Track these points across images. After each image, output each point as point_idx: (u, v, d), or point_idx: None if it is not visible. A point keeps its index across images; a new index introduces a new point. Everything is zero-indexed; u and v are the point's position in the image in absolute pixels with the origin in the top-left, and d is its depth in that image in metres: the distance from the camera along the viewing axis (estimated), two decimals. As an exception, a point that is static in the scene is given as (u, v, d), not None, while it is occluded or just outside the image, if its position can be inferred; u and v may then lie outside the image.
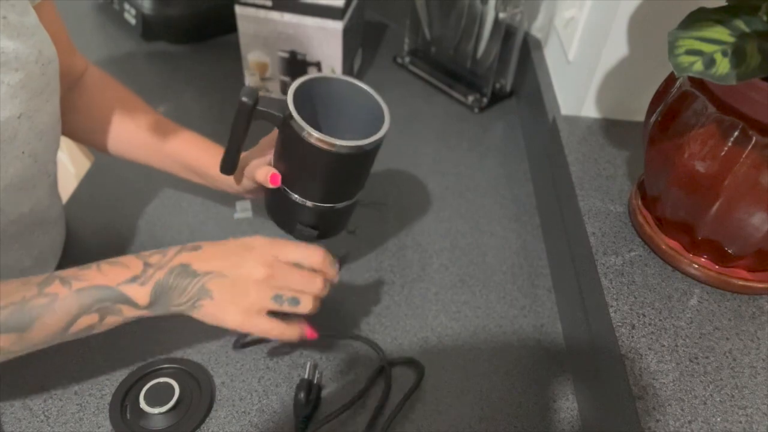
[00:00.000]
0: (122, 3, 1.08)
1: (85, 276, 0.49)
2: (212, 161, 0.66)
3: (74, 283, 0.48)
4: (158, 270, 0.50)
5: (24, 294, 0.47)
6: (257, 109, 0.55)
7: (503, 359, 0.66)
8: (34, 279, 0.49)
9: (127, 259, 0.51)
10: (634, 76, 0.73)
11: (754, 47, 0.45)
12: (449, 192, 0.86)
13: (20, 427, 0.57)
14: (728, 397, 0.50)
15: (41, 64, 0.51)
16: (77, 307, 0.48)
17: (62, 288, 0.48)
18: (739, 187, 0.50)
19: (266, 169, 0.59)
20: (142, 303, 0.50)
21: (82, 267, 0.50)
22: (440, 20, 0.99)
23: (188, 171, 0.69)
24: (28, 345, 0.49)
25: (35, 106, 0.52)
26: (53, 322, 0.48)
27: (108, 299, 0.49)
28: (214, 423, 0.59)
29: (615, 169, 0.71)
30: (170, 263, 0.50)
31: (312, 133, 0.53)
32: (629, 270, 0.60)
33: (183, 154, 0.68)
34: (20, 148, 0.52)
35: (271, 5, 0.88)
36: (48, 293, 0.48)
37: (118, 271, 0.50)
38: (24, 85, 0.50)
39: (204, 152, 0.68)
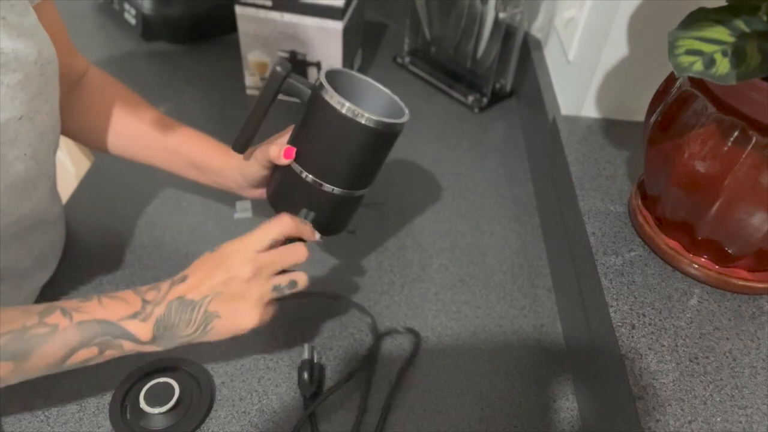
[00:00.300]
0: (122, 3, 1.08)
1: (87, 309, 0.50)
2: (215, 157, 0.67)
3: (75, 315, 0.49)
4: (156, 306, 0.51)
5: (24, 322, 0.48)
6: (288, 81, 0.56)
7: (503, 359, 0.66)
8: (35, 308, 0.49)
9: (126, 294, 0.52)
10: (634, 76, 0.73)
11: (754, 47, 0.45)
12: (449, 192, 0.86)
13: (20, 427, 0.57)
14: (728, 397, 0.50)
15: (40, 64, 0.51)
16: (78, 340, 0.49)
17: (63, 319, 0.48)
18: (739, 187, 0.50)
19: (280, 145, 0.59)
20: (144, 339, 0.51)
21: (83, 299, 0.51)
22: (440, 20, 0.99)
23: (190, 168, 0.69)
24: (24, 374, 0.49)
25: (35, 107, 0.52)
26: (52, 352, 0.48)
27: (109, 333, 0.50)
28: (214, 423, 0.59)
29: (615, 169, 0.71)
30: (166, 298, 0.51)
31: (344, 103, 0.54)
32: (629, 270, 0.60)
33: (185, 150, 0.68)
34: (22, 149, 0.52)
35: (271, 5, 0.88)
36: (48, 323, 0.48)
37: (119, 306, 0.50)
38: (23, 86, 0.50)
39: (206, 148, 0.68)
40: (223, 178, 0.68)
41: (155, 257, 0.74)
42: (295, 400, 0.61)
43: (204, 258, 0.55)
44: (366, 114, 0.54)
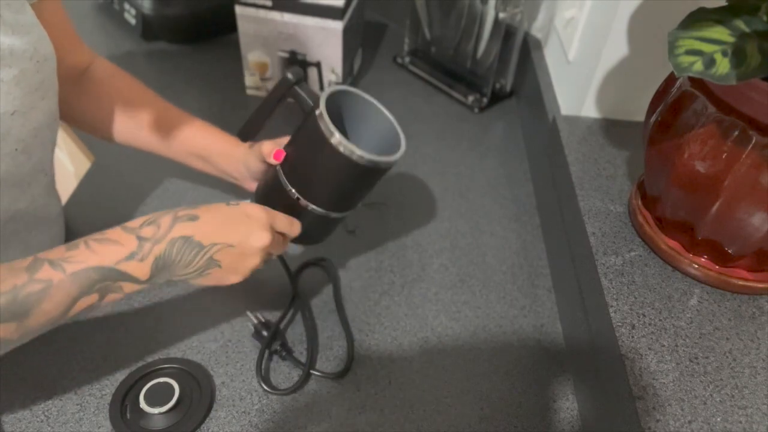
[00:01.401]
0: (122, 3, 1.08)
1: (77, 257, 0.47)
2: (219, 146, 0.68)
3: (66, 266, 0.46)
4: (156, 244, 0.49)
5: (14, 282, 0.45)
6: (295, 89, 0.57)
7: (503, 359, 0.66)
8: (18, 264, 0.46)
9: (115, 234, 0.49)
10: (634, 76, 0.73)
11: (754, 47, 0.45)
12: (449, 192, 0.86)
13: (20, 427, 0.57)
14: (728, 397, 0.50)
15: (36, 60, 0.51)
16: (77, 290, 0.47)
17: (54, 272, 0.46)
18: (739, 187, 0.50)
19: (275, 144, 0.60)
20: (143, 278, 0.49)
21: (68, 246, 0.48)
22: (440, 20, 0.99)
23: (194, 157, 0.70)
24: (28, 332, 0.47)
25: (30, 103, 0.52)
26: (52, 307, 0.46)
27: (107, 278, 0.48)
28: (214, 423, 0.59)
29: (615, 169, 0.71)
30: (168, 235, 0.49)
31: (334, 132, 0.53)
32: (629, 270, 0.60)
33: (190, 139, 0.69)
34: (13, 144, 0.52)
35: (271, 5, 0.88)
36: (40, 279, 0.46)
37: (112, 248, 0.48)
38: (18, 82, 0.50)
39: (211, 138, 0.69)
40: (226, 167, 0.69)
41: (155, 257, 0.74)
42: (296, 400, 0.61)
43: (219, 207, 0.54)
44: (353, 149, 0.54)
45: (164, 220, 0.50)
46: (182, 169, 0.84)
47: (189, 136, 0.69)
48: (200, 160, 0.70)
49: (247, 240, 0.53)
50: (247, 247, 0.53)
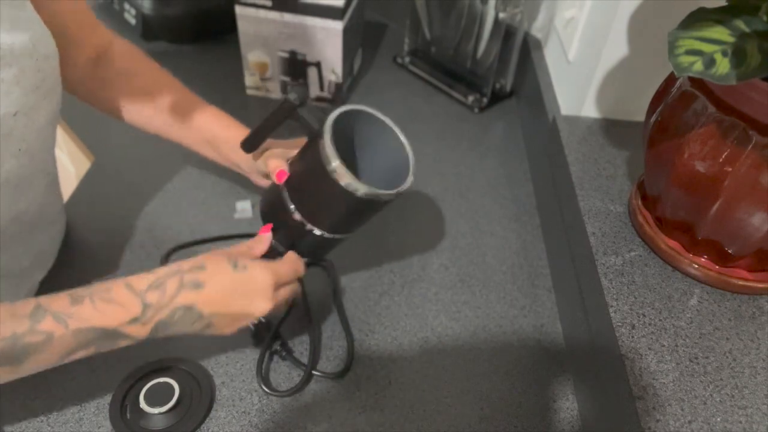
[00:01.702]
0: (122, 3, 1.08)
1: (81, 314, 0.47)
2: (232, 135, 0.67)
3: (70, 322, 0.46)
4: (159, 311, 0.49)
5: (15, 328, 0.45)
6: (298, 112, 0.56)
7: (503, 359, 0.66)
8: (21, 309, 0.46)
9: (122, 295, 0.49)
10: (634, 76, 0.73)
11: (754, 47, 0.45)
12: (449, 192, 0.86)
13: (20, 427, 0.57)
14: (728, 397, 0.50)
15: (36, 59, 0.51)
16: (75, 345, 0.48)
17: (57, 326, 0.46)
18: (739, 188, 0.50)
19: (279, 162, 0.59)
20: (141, 338, 0.50)
21: (73, 299, 0.47)
22: (440, 20, 0.99)
23: (206, 144, 0.70)
24: (21, 375, 0.48)
25: (32, 103, 0.52)
26: (48, 357, 0.47)
27: (107, 337, 0.49)
28: (214, 423, 0.59)
29: (615, 169, 0.71)
30: (171, 304, 0.50)
31: (332, 163, 0.52)
32: (629, 270, 0.60)
33: (204, 126, 0.69)
34: (16, 145, 0.52)
35: (271, 5, 0.88)
36: (42, 331, 0.46)
37: (117, 311, 0.48)
38: (18, 81, 0.50)
39: (226, 126, 0.69)
40: (235, 158, 0.68)
41: (155, 257, 0.74)
42: (296, 400, 0.61)
43: (224, 269, 0.53)
44: (352, 181, 0.52)
45: (170, 285, 0.50)
46: (182, 169, 0.85)
47: (203, 122, 0.69)
48: (211, 148, 0.70)
49: (247, 310, 0.53)
50: (247, 314, 0.54)
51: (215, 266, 0.52)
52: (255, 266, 0.54)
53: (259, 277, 0.53)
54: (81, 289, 0.49)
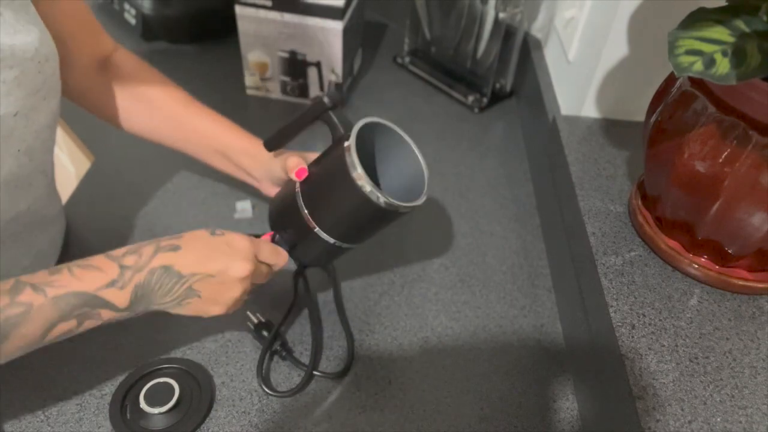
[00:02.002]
0: (122, 3, 1.08)
1: (59, 282, 0.47)
2: (244, 146, 0.68)
3: (48, 290, 0.46)
4: (136, 272, 0.49)
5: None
6: (329, 114, 0.57)
7: (503, 359, 0.66)
8: (1, 286, 0.46)
9: (99, 261, 0.49)
10: (634, 76, 0.73)
11: (754, 47, 0.45)
12: (449, 192, 0.86)
13: (20, 427, 0.57)
14: (728, 397, 0.50)
15: (38, 61, 0.51)
16: (56, 315, 0.47)
17: (36, 296, 0.46)
18: (739, 188, 0.50)
19: (299, 160, 0.60)
20: (122, 306, 0.50)
21: (51, 271, 0.48)
22: (440, 20, 0.99)
23: (216, 154, 0.70)
24: (4, 355, 0.47)
25: (32, 104, 0.52)
26: (30, 331, 0.46)
27: (87, 305, 0.48)
28: (214, 423, 0.59)
29: (615, 169, 0.71)
30: (149, 264, 0.50)
31: (357, 169, 0.52)
32: (629, 270, 0.60)
33: (214, 136, 0.69)
34: (16, 146, 0.52)
35: (271, 5, 0.88)
36: (21, 302, 0.46)
37: (94, 275, 0.48)
38: (20, 83, 0.50)
39: (236, 136, 0.69)
40: (248, 167, 0.69)
41: (155, 257, 0.74)
42: (296, 400, 0.61)
43: (201, 235, 0.54)
44: (374, 189, 0.53)
45: (146, 249, 0.51)
46: (182, 169, 0.85)
47: (212, 132, 0.69)
48: (222, 158, 0.70)
49: (227, 270, 0.53)
50: (227, 277, 0.53)
51: (192, 234, 0.54)
52: (233, 233, 0.55)
53: (236, 240, 0.55)
54: (62, 265, 0.49)
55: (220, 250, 0.53)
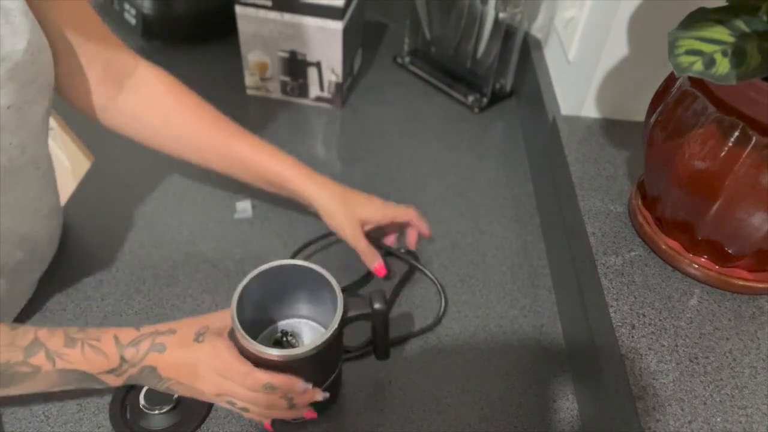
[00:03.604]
0: (122, 3, 1.08)
1: (70, 357, 0.51)
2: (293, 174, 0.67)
3: (58, 361, 0.50)
4: (131, 367, 0.52)
5: (9, 358, 0.49)
6: None
7: (503, 359, 0.66)
8: (20, 340, 0.50)
9: (107, 346, 0.52)
10: (634, 76, 0.73)
11: (754, 47, 0.45)
12: (449, 192, 0.86)
13: (20, 427, 0.57)
14: (728, 397, 0.50)
15: (30, 53, 0.51)
16: (57, 383, 0.52)
17: (46, 362, 0.50)
18: (739, 187, 0.50)
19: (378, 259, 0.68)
20: (114, 386, 0.54)
21: (66, 340, 0.51)
22: (440, 20, 0.99)
23: (261, 181, 0.70)
24: (4, 396, 0.53)
25: (24, 97, 0.52)
26: (31, 387, 0.51)
27: (85, 381, 0.52)
28: (214, 423, 0.59)
29: (615, 169, 0.71)
30: (142, 363, 0.52)
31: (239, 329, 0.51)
32: (629, 270, 0.60)
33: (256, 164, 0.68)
34: (8, 139, 0.52)
35: (271, 5, 0.88)
36: (32, 364, 0.50)
37: (100, 361, 0.51)
38: (12, 76, 0.50)
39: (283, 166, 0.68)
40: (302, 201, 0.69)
41: (155, 257, 0.74)
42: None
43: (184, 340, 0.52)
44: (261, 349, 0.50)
45: (144, 344, 0.52)
46: (182, 170, 0.85)
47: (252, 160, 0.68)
48: (267, 185, 0.70)
49: (193, 384, 0.53)
50: (194, 389, 0.53)
51: (181, 333, 0.53)
52: (213, 342, 0.52)
53: (209, 356, 0.52)
54: (76, 329, 0.52)
55: (192, 364, 0.52)
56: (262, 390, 0.51)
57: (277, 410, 0.54)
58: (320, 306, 0.56)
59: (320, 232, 0.76)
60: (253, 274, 0.54)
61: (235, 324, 0.51)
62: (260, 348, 0.50)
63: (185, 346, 0.52)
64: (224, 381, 0.52)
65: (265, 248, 0.76)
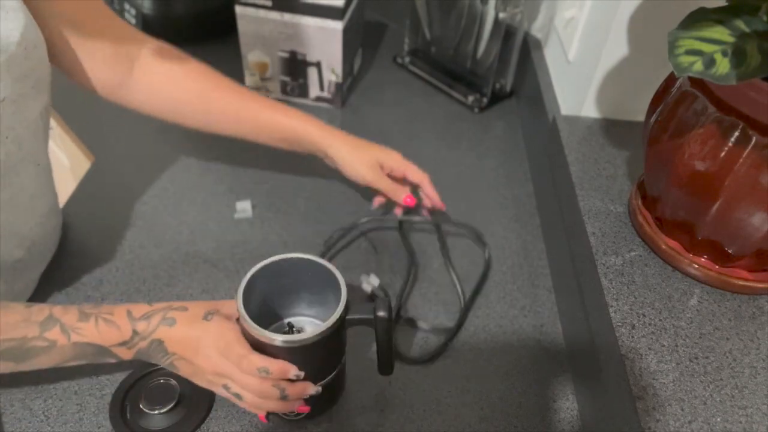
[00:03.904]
0: (122, 3, 1.08)
1: (84, 331, 0.52)
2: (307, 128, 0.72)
3: (73, 335, 0.51)
4: (142, 340, 0.53)
5: (26, 333, 0.50)
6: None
7: (503, 359, 0.66)
8: (35, 316, 0.51)
9: (120, 319, 0.53)
10: (634, 76, 0.73)
11: (754, 47, 0.45)
12: (449, 192, 0.86)
13: (20, 427, 0.57)
14: (728, 397, 0.50)
15: (24, 47, 0.51)
16: (71, 356, 0.53)
17: (62, 336, 0.51)
18: (739, 187, 0.50)
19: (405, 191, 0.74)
20: (125, 359, 0.54)
21: (81, 316, 0.52)
22: (440, 20, 0.99)
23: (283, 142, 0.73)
24: (18, 370, 0.53)
25: (20, 91, 0.52)
26: (47, 361, 0.52)
27: (99, 354, 0.53)
28: (214, 423, 0.59)
29: (615, 169, 0.71)
30: (152, 335, 0.53)
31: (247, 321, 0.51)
32: (629, 270, 0.60)
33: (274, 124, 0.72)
34: (3, 133, 0.53)
35: (271, 5, 0.88)
36: (48, 338, 0.51)
37: (113, 333, 0.52)
38: (7, 69, 0.50)
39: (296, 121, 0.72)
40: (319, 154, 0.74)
41: (155, 257, 0.74)
42: (295, 400, 0.61)
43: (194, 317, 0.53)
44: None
45: (155, 317, 0.53)
46: (182, 170, 0.85)
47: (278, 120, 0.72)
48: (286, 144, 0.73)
49: (194, 359, 0.53)
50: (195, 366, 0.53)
51: (192, 310, 0.54)
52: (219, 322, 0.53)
53: (214, 332, 0.53)
54: (89, 306, 0.54)
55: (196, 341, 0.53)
56: (256, 374, 0.52)
57: (270, 400, 0.54)
58: (326, 305, 0.56)
59: (320, 232, 0.76)
60: (263, 263, 0.55)
61: (239, 306, 0.52)
62: (262, 332, 0.51)
63: (194, 322, 0.53)
64: (223, 361, 0.52)
65: (265, 248, 0.76)
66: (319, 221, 0.79)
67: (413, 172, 0.75)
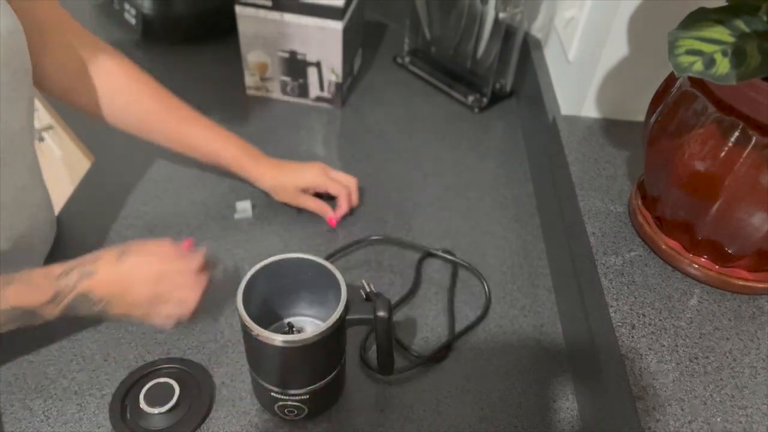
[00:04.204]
0: (122, 3, 1.08)
1: (7, 296, 0.53)
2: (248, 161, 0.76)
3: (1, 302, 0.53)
4: (66, 296, 0.55)
5: None
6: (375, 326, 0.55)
7: (503, 359, 0.66)
8: None
9: (39, 280, 0.55)
10: (634, 76, 0.73)
11: (754, 47, 0.45)
12: (449, 192, 0.86)
13: (20, 427, 0.57)
14: (728, 397, 0.50)
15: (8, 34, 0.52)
16: (4, 321, 0.54)
17: None
18: (739, 187, 0.50)
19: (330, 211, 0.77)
20: (54, 317, 0.56)
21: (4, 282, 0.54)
22: (440, 20, 0.99)
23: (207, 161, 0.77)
24: None
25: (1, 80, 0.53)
26: None
27: (28, 317, 0.55)
28: (214, 423, 0.59)
29: (615, 169, 0.71)
30: (74, 290, 0.55)
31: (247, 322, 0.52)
32: (629, 270, 0.60)
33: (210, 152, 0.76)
34: None
35: (271, 5, 0.88)
36: None
37: (35, 294, 0.54)
38: None
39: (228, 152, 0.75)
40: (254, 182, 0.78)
41: (155, 257, 0.74)
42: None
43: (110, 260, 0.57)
44: None
45: (74, 273, 0.56)
46: (182, 170, 0.85)
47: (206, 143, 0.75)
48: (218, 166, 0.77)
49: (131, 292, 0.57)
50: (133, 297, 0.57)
51: (106, 256, 0.58)
52: (136, 256, 0.58)
53: (136, 265, 0.58)
54: (17, 274, 0.55)
55: (123, 277, 0.57)
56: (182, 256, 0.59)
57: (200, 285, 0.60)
58: (326, 305, 0.56)
59: (321, 232, 0.76)
60: (263, 263, 0.56)
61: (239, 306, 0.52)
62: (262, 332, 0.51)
63: (113, 265, 0.57)
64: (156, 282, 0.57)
65: (265, 248, 0.76)
66: (319, 221, 0.79)
67: (333, 186, 0.77)
